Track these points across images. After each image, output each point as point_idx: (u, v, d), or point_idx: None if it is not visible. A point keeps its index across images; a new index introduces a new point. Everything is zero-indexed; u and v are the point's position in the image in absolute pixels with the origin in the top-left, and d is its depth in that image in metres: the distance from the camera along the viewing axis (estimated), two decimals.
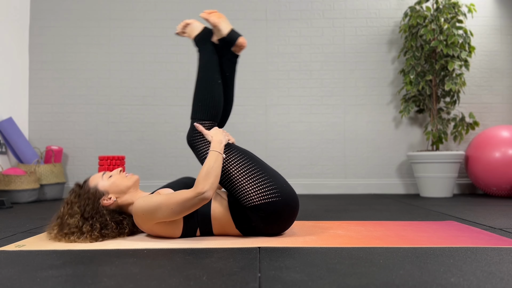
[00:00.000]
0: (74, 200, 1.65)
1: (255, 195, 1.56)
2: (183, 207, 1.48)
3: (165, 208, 1.49)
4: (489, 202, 2.96)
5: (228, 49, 1.80)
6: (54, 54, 3.75)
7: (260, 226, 1.59)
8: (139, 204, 1.54)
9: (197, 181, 1.49)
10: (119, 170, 1.69)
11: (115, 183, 1.64)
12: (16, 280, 1.06)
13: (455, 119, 3.60)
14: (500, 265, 1.18)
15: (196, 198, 1.47)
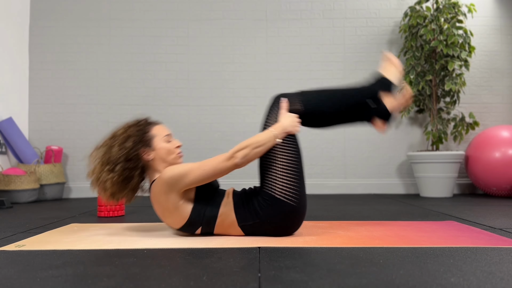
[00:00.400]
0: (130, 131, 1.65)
1: (280, 188, 1.57)
2: (215, 170, 1.51)
3: (196, 171, 1.50)
4: (489, 202, 2.96)
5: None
6: (54, 54, 3.75)
7: (262, 220, 1.58)
8: (170, 169, 1.54)
9: (237, 146, 1.52)
10: (179, 145, 1.70)
11: (165, 150, 1.64)
12: (16, 280, 1.06)
13: (455, 119, 3.60)
14: (500, 265, 1.18)
15: (229, 162, 1.50)
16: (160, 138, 1.65)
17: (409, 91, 1.72)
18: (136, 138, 1.62)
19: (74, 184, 3.69)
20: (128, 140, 1.62)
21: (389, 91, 1.73)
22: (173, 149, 1.66)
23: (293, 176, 1.59)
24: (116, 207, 2.37)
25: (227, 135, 3.77)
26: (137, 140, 1.62)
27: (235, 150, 1.52)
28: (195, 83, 3.78)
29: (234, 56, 3.81)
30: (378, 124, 1.72)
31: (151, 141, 1.64)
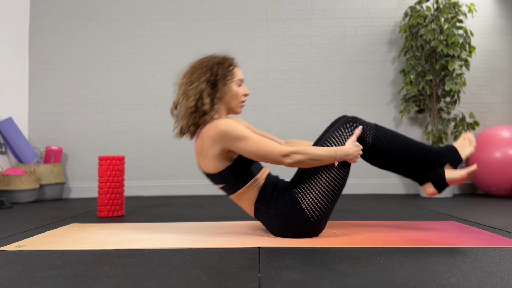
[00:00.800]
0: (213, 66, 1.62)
1: (310, 201, 1.57)
2: (266, 155, 1.51)
3: (251, 145, 1.50)
4: (489, 202, 2.96)
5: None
6: (54, 54, 3.75)
7: (276, 214, 1.58)
8: (230, 124, 1.52)
9: (296, 148, 1.52)
10: (247, 93, 1.68)
11: (233, 93, 1.63)
12: (16, 280, 1.06)
13: (455, 119, 3.59)
14: (501, 265, 1.18)
15: (282, 158, 1.51)
16: (233, 80, 1.63)
17: (474, 171, 1.68)
18: (213, 75, 1.60)
19: (74, 184, 3.69)
20: (208, 74, 1.60)
21: (455, 167, 1.72)
22: (240, 95, 1.65)
23: (327, 198, 1.59)
24: (116, 207, 2.37)
25: None
26: (213, 78, 1.60)
27: (293, 151, 1.51)
28: None
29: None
30: (430, 190, 1.72)
31: (226, 81, 1.62)
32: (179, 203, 3.00)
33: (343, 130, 1.65)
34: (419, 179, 1.73)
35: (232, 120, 1.56)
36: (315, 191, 1.57)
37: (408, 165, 1.70)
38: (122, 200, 2.41)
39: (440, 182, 1.69)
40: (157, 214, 2.42)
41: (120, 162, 2.41)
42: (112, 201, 2.36)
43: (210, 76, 1.59)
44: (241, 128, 1.53)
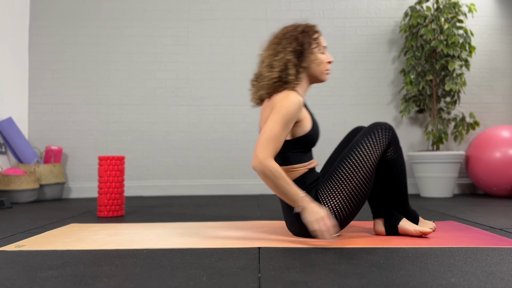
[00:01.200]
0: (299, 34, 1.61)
1: (335, 203, 1.56)
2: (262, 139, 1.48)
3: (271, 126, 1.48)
4: (489, 202, 2.96)
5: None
6: (54, 54, 3.75)
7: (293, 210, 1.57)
8: (295, 102, 1.50)
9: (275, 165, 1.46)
10: (331, 61, 1.66)
11: (318, 61, 1.62)
12: (16, 280, 1.06)
13: (455, 119, 3.59)
14: (501, 265, 1.18)
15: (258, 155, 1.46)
16: (318, 48, 1.63)
17: (428, 233, 1.63)
18: (299, 45, 1.59)
19: (74, 184, 3.69)
20: (294, 44, 1.59)
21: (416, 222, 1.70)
22: (325, 63, 1.64)
23: (353, 204, 1.57)
24: (116, 207, 2.37)
25: (227, 135, 3.77)
26: (300, 48, 1.59)
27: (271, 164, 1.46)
28: (195, 83, 3.78)
29: (234, 56, 3.81)
30: (379, 228, 1.68)
31: (312, 49, 1.61)
32: (179, 203, 3.00)
33: (375, 139, 1.58)
34: (375, 212, 1.69)
35: (299, 104, 1.52)
36: (341, 194, 1.56)
37: (384, 196, 1.67)
38: (122, 200, 2.41)
39: (392, 226, 1.65)
40: (157, 214, 2.42)
41: (120, 162, 2.41)
42: (112, 201, 2.36)
43: (297, 46, 1.59)
44: (294, 114, 1.50)
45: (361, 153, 1.56)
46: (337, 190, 1.56)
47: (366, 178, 1.56)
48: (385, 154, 1.61)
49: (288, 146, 1.58)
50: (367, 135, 1.59)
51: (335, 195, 1.56)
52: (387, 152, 1.61)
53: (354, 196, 1.56)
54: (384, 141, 1.58)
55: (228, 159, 3.74)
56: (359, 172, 1.55)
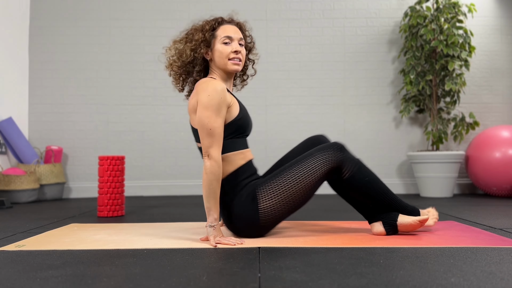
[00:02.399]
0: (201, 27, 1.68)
1: (269, 205, 1.57)
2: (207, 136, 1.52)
3: (209, 121, 1.52)
4: (489, 202, 2.96)
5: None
6: (54, 54, 3.75)
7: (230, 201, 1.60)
8: (218, 90, 1.53)
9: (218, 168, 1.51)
10: (236, 50, 1.65)
11: (218, 52, 1.63)
12: (16, 280, 1.06)
13: (455, 119, 3.59)
14: (501, 265, 1.18)
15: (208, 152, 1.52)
16: (219, 39, 1.64)
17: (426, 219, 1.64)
18: (200, 36, 1.63)
19: (74, 184, 3.69)
20: (195, 36, 1.64)
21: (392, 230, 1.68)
22: (226, 53, 1.63)
23: (285, 209, 1.59)
24: (116, 207, 2.37)
25: None
26: (200, 39, 1.63)
27: (215, 165, 1.51)
28: None
29: None
30: (378, 229, 1.66)
31: (212, 41, 1.64)
32: (179, 203, 3.00)
33: (323, 157, 1.60)
34: (369, 217, 1.69)
35: (222, 89, 1.54)
36: (277, 198, 1.57)
37: (369, 205, 1.66)
38: (122, 200, 2.41)
39: (391, 224, 1.64)
40: (157, 214, 2.42)
41: (120, 162, 2.41)
42: (112, 201, 2.36)
43: (197, 41, 1.63)
44: (221, 100, 1.53)
45: (307, 168, 1.58)
46: (276, 194, 1.58)
47: (304, 191, 1.59)
48: (341, 175, 1.62)
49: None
50: (318, 152, 1.60)
51: (272, 197, 1.57)
52: (342, 173, 1.61)
53: (289, 204, 1.59)
54: (332, 162, 1.59)
55: None
56: (299, 185, 1.57)
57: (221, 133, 1.54)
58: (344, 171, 1.61)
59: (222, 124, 1.54)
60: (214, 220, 1.53)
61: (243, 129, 1.64)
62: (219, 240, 1.50)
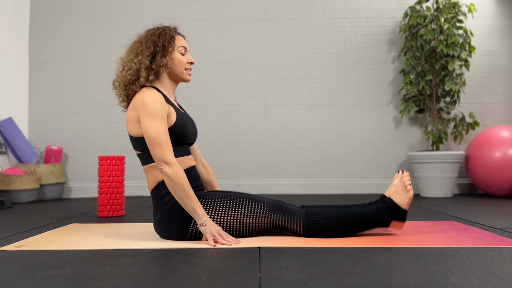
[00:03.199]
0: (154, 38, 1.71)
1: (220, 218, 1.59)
2: (155, 147, 1.52)
3: (154, 129, 1.53)
4: (489, 202, 2.96)
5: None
6: (54, 54, 3.75)
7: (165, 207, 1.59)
8: (155, 98, 1.55)
9: (179, 170, 1.51)
10: (191, 62, 1.70)
11: (177, 61, 1.66)
12: (16, 280, 1.06)
13: (455, 119, 3.59)
14: (501, 265, 1.18)
15: (161, 160, 1.51)
16: (175, 48, 1.67)
17: (406, 174, 1.65)
18: (161, 44, 1.65)
19: (74, 184, 3.69)
20: (156, 44, 1.66)
21: (404, 220, 1.66)
22: (184, 63, 1.68)
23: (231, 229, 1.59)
24: (116, 207, 2.37)
25: (227, 135, 3.77)
26: (161, 47, 1.65)
27: (174, 169, 1.50)
28: (195, 83, 3.78)
29: (234, 56, 3.81)
30: (396, 226, 1.66)
31: (167, 52, 1.65)
32: None
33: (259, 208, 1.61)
34: (382, 225, 1.66)
35: (160, 98, 1.57)
36: (213, 215, 1.58)
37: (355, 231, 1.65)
38: (122, 200, 2.41)
39: (401, 213, 1.64)
40: None
41: (120, 162, 2.41)
42: (112, 201, 2.36)
43: (153, 50, 1.65)
44: (160, 109, 1.55)
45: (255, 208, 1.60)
46: (216, 211, 1.58)
47: (244, 225, 1.60)
48: (297, 233, 1.63)
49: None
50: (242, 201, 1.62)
51: (210, 213, 1.58)
52: (296, 231, 1.63)
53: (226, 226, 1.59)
54: (276, 223, 1.61)
55: (228, 159, 3.74)
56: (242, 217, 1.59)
57: (168, 138, 1.54)
58: (296, 230, 1.62)
59: (166, 130, 1.55)
60: (202, 216, 1.52)
61: (180, 138, 1.64)
62: (215, 238, 1.50)
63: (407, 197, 1.64)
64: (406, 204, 1.64)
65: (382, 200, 1.66)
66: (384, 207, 1.64)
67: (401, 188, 1.65)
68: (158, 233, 1.65)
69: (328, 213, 1.62)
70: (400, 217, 1.65)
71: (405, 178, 1.66)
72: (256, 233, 1.64)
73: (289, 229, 1.63)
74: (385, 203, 1.65)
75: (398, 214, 1.64)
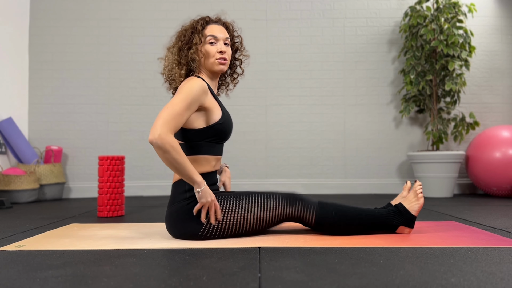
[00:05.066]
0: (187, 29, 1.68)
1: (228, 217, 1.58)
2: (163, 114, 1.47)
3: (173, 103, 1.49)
4: (489, 202, 2.96)
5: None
6: (54, 54, 3.75)
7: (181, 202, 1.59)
8: (195, 83, 1.54)
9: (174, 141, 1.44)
10: (221, 50, 1.63)
11: (204, 52, 1.64)
12: (16, 280, 1.06)
13: (455, 119, 3.59)
14: (501, 265, 1.18)
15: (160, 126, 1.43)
16: (205, 39, 1.64)
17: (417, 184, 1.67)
18: (187, 38, 1.64)
19: (74, 184, 3.69)
20: (190, 37, 1.65)
21: (412, 226, 1.68)
22: (212, 53, 1.63)
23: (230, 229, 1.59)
24: (116, 207, 2.37)
25: None
26: (186, 40, 1.64)
27: (171, 139, 1.43)
28: None
29: None
30: (404, 231, 1.68)
31: (192, 45, 1.63)
32: None
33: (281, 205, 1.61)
34: (389, 228, 1.68)
35: (200, 86, 1.55)
36: (231, 215, 1.58)
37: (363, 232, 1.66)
38: (122, 200, 2.41)
39: (410, 219, 1.66)
40: (157, 214, 2.42)
41: (120, 162, 2.41)
42: (112, 201, 2.36)
43: (181, 44, 1.64)
44: (194, 93, 1.52)
45: (268, 202, 1.61)
46: (229, 210, 1.58)
47: (257, 221, 1.60)
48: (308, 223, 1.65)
49: (199, 134, 1.59)
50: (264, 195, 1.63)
51: (224, 212, 1.58)
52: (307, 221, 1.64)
53: (236, 225, 1.59)
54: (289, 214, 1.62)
55: (228, 159, 3.74)
56: (255, 213, 1.59)
57: (175, 115, 1.47)
58: (308, 219, 1.63)
59: (182, 109, 1.49)
60: (201, 183, 1.50)
61: (223, 135, 1.64)
62: (209, 205, 1.52)
63: (417, 204, 1.66)
64: (415, 211, 1.67)
65: (391, 205, 1.70)
66: (395, 211, 1.67)
67: (413, 195, 1.69)
68: (167, 225, 1.64)
69: (341, 208, 1.64)
70: (409, 222, 1.67)
71: (417, 187, 1.69)
72: (270, 226, 1.65)
73: (301, 219, 1.63)
74: (395, 207, 1.68)
75: (407, 219, 1.66)
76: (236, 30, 1.77)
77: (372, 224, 1.65)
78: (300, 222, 1.66)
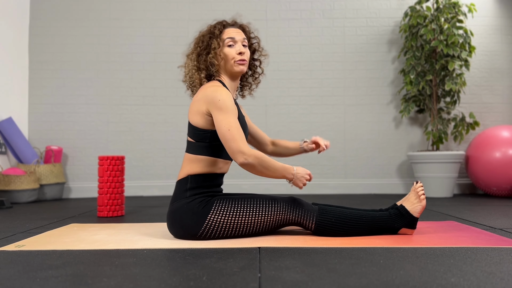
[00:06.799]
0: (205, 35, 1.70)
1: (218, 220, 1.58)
2: (230, 139, 1.52)
3: (227, 122, 1.52)
4: (489, 202, 2.96)
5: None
6: (54, 54, 3.75)
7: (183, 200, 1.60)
8: (225, 95, 1.55)
9: (258, 153, 1.52)
10: (240, 52, 1.65)
11: (222, 56, 1.64)
12: (16, 280, 1.06)
13: (455, 119, 3.59)
14: (501, 265, 1.18)
15: (238, 151, 1.50)
16: (223, 43, 1.65)
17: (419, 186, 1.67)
18: (205, 43, 1.65)
19: (74, 184, 3.69)
20: (201, 44, 1.67)
21: (414, 227, 1.67)
22: (231, 55, 1.65)
23: (232, 230, 1.59)
24: (116, 207, 2.37)
25: None
26: (204, 46, 1.65)
27: (253, 154, 1.51)
28: None
29: None
30: (406, 233, 1.68)
31: (210, 50, 1.65)
32: None
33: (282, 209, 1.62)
34: (391, 231, 1.67)
35: (229, 94, 1.58)
36: (230, 217, 1.58)
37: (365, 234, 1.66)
38: (122, 200, 2.41)
39: (411, 221, 1.66)
40: (157, 214, 2.42)
41: (120, 162, 2.41)
42: (112, 201, 2.36)
43: (199, 50, 1.66)
44: (230, 104, 1.55)
45: (271, 206, 1.61)
46: (230, 212, 1.58)
47: (257, 224, 1.61)
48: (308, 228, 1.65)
49: (213, 136, 1.61)
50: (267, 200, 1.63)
51: (225, 214, 1.57)
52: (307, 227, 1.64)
53: (236, 228, 1.59)
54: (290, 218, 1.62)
55: None
56: (256, 216, 1.60)
57: (240, 130, 1.54)
58: (307, 225, 1.63)
59: (237, 122, 1.55)
60: (291, 168, 1.57)
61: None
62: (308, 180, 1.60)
63: (419, 205, 1.66)
64: (417, 212, 1.66)
65: (393, 207, 1.69)
66: (396, 214, 1.67)
67: (414, 197, 1.68)
68: (168, 223, 1.64)
69: (341, 213, 1.64)
70: (411, 224, 1.67)
71: (419, 188, 1.69)
72: (270, 230, 1.65)
73: (301, 224, 1.63)
74: (397, 209, 1.68)
75: (408, 221, 1.66)
76: (252, 31, 1.79)
77: (373, 228, 1.64)
78: (300, 226, 1.66)
